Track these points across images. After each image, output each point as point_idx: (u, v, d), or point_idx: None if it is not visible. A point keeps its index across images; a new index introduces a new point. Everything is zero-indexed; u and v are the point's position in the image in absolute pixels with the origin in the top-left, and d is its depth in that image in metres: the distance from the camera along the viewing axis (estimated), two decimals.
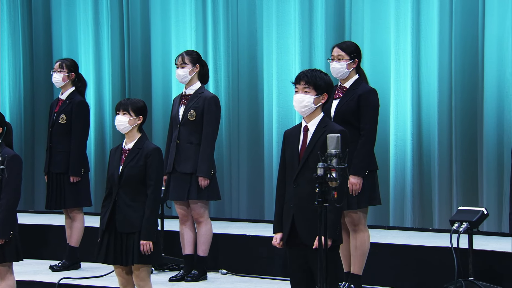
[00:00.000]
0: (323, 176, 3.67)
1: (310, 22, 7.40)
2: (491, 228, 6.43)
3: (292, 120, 7.29)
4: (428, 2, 6.83)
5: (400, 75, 6.97)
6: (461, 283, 5.01)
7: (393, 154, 6.98)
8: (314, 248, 3.91)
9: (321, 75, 4.20)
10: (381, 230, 6.80)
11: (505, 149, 6.40)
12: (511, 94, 6.44)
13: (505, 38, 6.45)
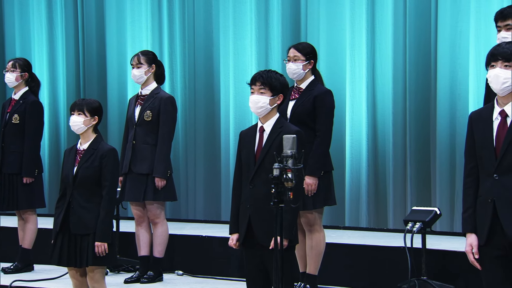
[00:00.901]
0: (279, 177, 3.69)
1: (266, 23, 7.43)
2: (444, 227, 6.53)
3: (249, 121, 7.31)
4: (383, 4, 6.92)
5: (355, 77, 7.04)
6: (414, 282, 5.08)
7: (348, 155, 7.04)
8: (270, 249, 3.93)
9: (277, 76, 4.23)
10: (336, 230, 6.85)
11: (457, 150, 6.51)
12: (463, 96, 6.55)
13: (457, 40, 6.57)
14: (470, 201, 3.64)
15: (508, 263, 3.54)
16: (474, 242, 3.59)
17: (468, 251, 3.62)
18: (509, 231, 3.49)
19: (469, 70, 6.48)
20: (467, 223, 3.63)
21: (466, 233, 3.64)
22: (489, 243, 3.55)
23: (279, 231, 3.71)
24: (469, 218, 3.62)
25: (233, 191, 4.30)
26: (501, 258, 3.54)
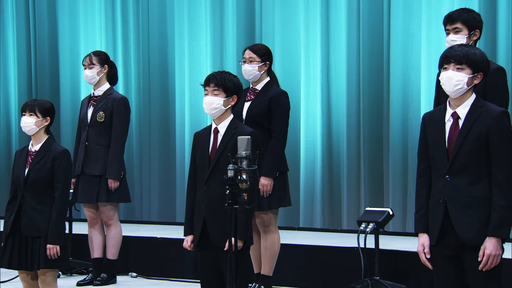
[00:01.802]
0: (233, 178, 3.68)
1: (221, 24, 7.43)
2: (396, 228, 6.60)
3: (204, 122, 7.29)
4: (336, 6, 6.96)
5: (310, 78, 7.07)
6: (367, 282, 5.12)
7: (303, 156, 7.07)
8: (225, 250, 3.92)
9: (230, 77, 4.22)
10: (291, 231, 6.87)
11: (409, 151, 6.58)
12: (415, 97, 6.63)
13: (409, 42, 6.64)
14: (422, 202, 3.67)
15: (458, 263, 3.58)
16: (426, 242, 3.63)
17: (420, 251, 3.65)
18: (460, 231, 3.53)
19: (421, 72, 6.56)
20: (419, 223, 3.66)
21: (418, 233, 3.67)
22: (440, 243, 3.58)
23: (234, 232, 3.70)
24: (421, 218, 3.66)
25: (188, 192, 4.28)
26: (452, 258, 3.58)
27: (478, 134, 3.53)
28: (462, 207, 3.54)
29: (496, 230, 3.48)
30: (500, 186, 3.50)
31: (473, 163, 3.53)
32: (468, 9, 4.62)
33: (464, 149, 3.54)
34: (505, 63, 6.08)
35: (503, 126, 3.53)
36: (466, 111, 3.58)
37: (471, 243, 3.52)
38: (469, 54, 3.56)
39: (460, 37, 4.49)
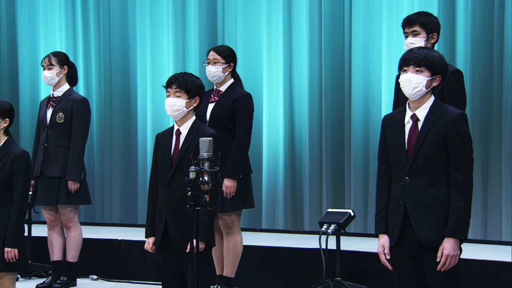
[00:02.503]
0: (195, 180, 3.68)
1: (184, 25, 7.42)
2: (358, 229, 6.66)
3: (166, 124, 7.27)
4: (298, 9, 7.00)
5: (272, 80, 7.10)
6: (328, 283, 5.15)
7: (265, 157, 7.10)
8: (187, 252, 3.92)
9: (193, 79, 4.22)
10: (253, 233, 6.89)
11: (370, 153, 6.64)
12: (376, 99, 6.69)
13: (370, 45, 6.71)
14: (382, 203, 3.71)
15: (418, 263, 3.63)
16: (386, 243, 3.67)
17: (380, 251, 3.69)
18: (419, 232, 3.58)
19: (382, 74, 6.64)
20: (379, 225, 3.70)
21: (379, 234, 3.71)
22: (400, 244, 3.63)
23: (195, 234, 3.70)
24: (382, 219, 3.69)
25: (149, 194, 4.27)
26: (412, 259, 3.63)
27: (436, 136, 3.58)
28: (421, 209, 3.58)
29: (454, 231, 3.54)
30: (458, 187, 3.55)
31: (432, 164, 3.58)
32: (426, 12, 4.68)
33: (423, 151, 3.59)
34: (463, 65, 6.18)
35: (461, 128, 3.59)
36: (425, 113, 3.63)
37: (430, 244, 3.57)
38: (428, 56, 3.61)
39: (418, 40, 4.54)
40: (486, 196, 6.23)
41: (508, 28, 6.11)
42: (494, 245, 6.00)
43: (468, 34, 6.25)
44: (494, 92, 6.20)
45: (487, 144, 6.24)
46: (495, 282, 5.11)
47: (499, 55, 6.17)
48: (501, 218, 6.16)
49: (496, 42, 6.18)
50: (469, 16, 6.24)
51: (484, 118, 6.25)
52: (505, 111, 6.13)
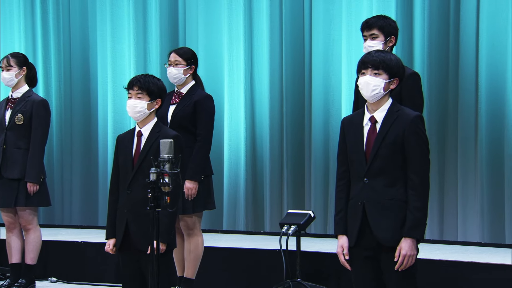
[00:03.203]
0: (156, 181, 3.68)
1: (145, 27, 7.39)
2: (318, 230, 6.70)
3: (128, 125, 7.23)
4: (259, 11, 7.03)
5: (233, 82, 7.12)
6: (288, 284, 5.18)
7: (227, 159, 7.11)
8: (148, 253, 3.92)
9: (154, 81, 4.22)
10: (214, 234, 6.89)
11: (330, 154, 6.69)
12: (336, 101, 6.75)
13: (330, 47, 6.76)
14: (341, 204, 3.74)
15: (376, 263, 3.67)
16: (345, 244, 3.70)
17: (339, 252, 3.73)
18: (377, 232, 3.63)
19: (342, 77, 6.69)
20: (338, 225, 3.74)
21: (338, 235, 3.74)
22: (359, 245, 3.67)
23: (156, 235, 3.70)
24: (341, 220, 3.73)
25: (110, 196, 4.26)
26: (370, 259, 3.67)
27: (394, 137, 3.63)
28: (380, 209, 3.63)
29: (411, 231, 3.59)
30: (416, 188, 3.60)
31: (390, 166, 3.63)
32: (385, 16, 4.74)
33: (381, 153, 3.63)
34: (420, 68, 6.27)
35: (417, 130, 3.64)
36: (383, 115, 3.68)
37: (388, 244, 3.62)
38: (385, 59, 3.66)
39: (376, 43, 4.60)
40: (442, 197, 6.33)
41: (463, 32, 6.22)
42: (450, 245, 6.10)
43: (425, 37, 6.35)
44: (450, 94, 6.31)
45: (444, 145, 6.34)
46: (452, 282, 5.20)
47: (455, 58, 6.28)
48: (457, 219, 6.27)
49: (452, 45, 6.29)
50: (426, 20, 6.34)
51: (440, 120, 6.35)
52: (461, 113, 6.24)
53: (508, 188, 6.04)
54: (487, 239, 6.11)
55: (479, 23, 6.13)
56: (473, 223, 6.17)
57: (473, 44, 6.17)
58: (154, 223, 3.68)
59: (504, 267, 5.09)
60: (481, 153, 6.13)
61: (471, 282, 5.12)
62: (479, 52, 6.14)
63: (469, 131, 6.20)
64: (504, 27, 6.05)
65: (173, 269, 5.16)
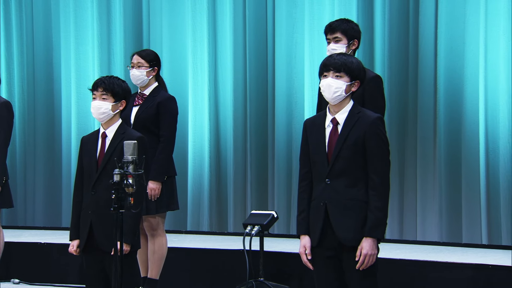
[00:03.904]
0: (119, 183, 3.66)
1: (109, 29, 7.34)
2: (281, 230, 6.72)
3: (92, 127, 7.18)
4: (223, 14, 7.03)
5: (197, 83, 7.10)
6: (252, 283, 5.19)
7: (191, 160, 7.09)
8: (112, 254, 3.89)
9: (119, 82, 4.20)
10: (178, 234, 6.87)
11: (293, 156, 6.72)
12: (299, 103, 6.78)
13: (293, 50, 6.79)
14: (304, 205, 3.75)
15: (338, 263, 3.69)
16: (307, 244, 3.71)
17: (302, 252, 3.73)
18: (339, 232, 3.64)
19: (305, 79, 6.72)
20: (301, 226, 3.75)
21: (300, 235, 3.75)
22: (321, 244, 3.68)
23: (120, 236, 3.68)
24: (303, 220, 3.74)
25: (74, 197, 4.22)
26: (332, 259, 3.69)
27: (355, 139, 3.65)
28: (341, 209, 3.64)
29: (372, 231, 3.61)
30: (376, 188, 3.63)
31: (352, 167, 3.65)
32: (348, 19, 4.77)
33: (343, 154, 3.65)
34: (381, 71, 6.33)
35: (378, 131, 3.67)
36: (344, 117, 3.70)
37: (349, 244, 3.64)
38: (347, 62, 3.68)
39: (340, 46, 4.62)
40: (402, 197, 6.39)
41: (422, 36, 6.29)
42: (409, 245, 6.17)
43: (385, 41, 6.41)
44: (410, 97, 6.37)
45: (404, 146, 6.40)
46: (411, 281, 5.25)
47: (414, 61, 6.35)
48: (416, 219, 6.33)
49: (412, 49, 6.35)
50: (386, 24, 6.40)
51: (400, 122, 6.41)
52: (420, 115, 6.31)
53: (465, 189, 6.12)
54: (445, 238, 6.18)
55: (438, 28, 6.21)
56: (431, 223, 6.25)
57: (431, 48, 6.25)
58: (117, 224, 3.66)
59: (462, 266, 5.16)
60: (439, 154, 6.20)
61: (429, 281, 5.18)
62: (438, 55, 6.22)
63: (428, 133, 6.27)
64: (461, 31, 6.14)
65: (136, 270, 5.12)
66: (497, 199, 6.00)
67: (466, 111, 6.12)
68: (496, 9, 6.00)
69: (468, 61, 6.12)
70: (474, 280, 5.04)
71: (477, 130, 6.06)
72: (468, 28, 6.10)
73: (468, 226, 6.08)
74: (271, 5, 6.84)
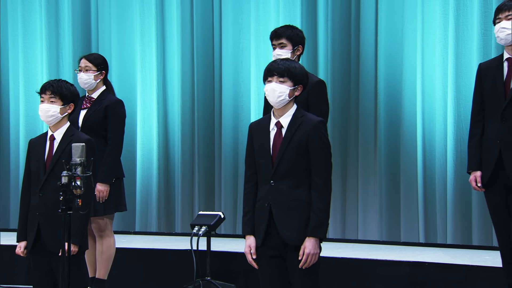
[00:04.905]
0: (67, 184, 3.62)
1: (57, 33, 7.24)
2: (227, 230, 6.72)
3: (40, 129, 7.07)
4: (171, 19, 7.00)
5: (146, 87, 7.05)
6: (199, 282, 5.17)
7: (140, 162, 7.03)
8: (59, 255, 3.83)
9: (67, 86, 4.17)
10: (127, 235, 6.81)
11: (240, 158, 6.72)
12: (246, 107, 6.78)
13: (240, 55, 6.79)
14: (249, 206, 3.77)
15: (282, 262, 3.71)
16: (252, 244, 3.72)
17: (247, 252, 3.74)
18: (283, 232, 3.66)
19: (251, 84, 6.73)
20: (246, 226, 3.76)
21: (246, 235, 3.76)
22: (265, 244, 3.69)
23: (67, 237, 3.63)
24: (248, 221, 3.75)
25: (22, 199, 4.17)
26: (276, 258, 3.70)
27: (299, 142, 3.68)
28: (285, 210, 3.66)
29: (315, 231, 3.64)
30: (319, 190, 3.66)
31: (295, 169, 3.67)
32: (292, 26, 4.80)
33: (287, 156, 3.67)
34: (324, 76, 6.38)
35: (320, 135, 3.70)
36: (288, 121, 3.72)
37: (293, 243, 3.66)
38: (290, 68, 3.71)
39: (285, 51, 4.65)
40: (344, 198, 6.44)
41: (363, 42, 6.36)
42: (351, 243, 6.23)
43: (328, 47, 6.46)
44: (352, 101, 6.44)
45: (346, 149, 6.46)
46: (353, 278, 5.30)
47: (356, 67, 6.42)
48: (358, 218, 6.40)
49: (353, 54, 6.42)
50: (329, 31, 6.45)
51: (343, 126, 6.47)
52: (362, 118, 6.38)
53: (404, 190, 6.21)
54: (385, 237, 6.26)
55: (378, 35, 6.29)
56: (372, 223, 6.32)
57: (372, 54, 6.33)
58: (65, 226, 3.62)
59: (400, 263, 5.23)
60: (380, 156, 6.28)
61: (370, 278, 5.24)
62: (378, 61, 6.30)
63: (369, 136, 6.34)
64: (400, 39, 6.23)
65: (84, 270, 5.04)
66: (433, 199, 6.10)
67: (405, 115, 6.21)
68: (432, 18, 6.11)
69: (406, 68, 6.22)
70: (411, 277, 5.12)
71: (415, 133, 6.16)
72: (406, 36, 6.20)
73: (406, 226, 6.17)
74: (218, 11, 6.83)
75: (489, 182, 4.40)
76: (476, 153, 4.45)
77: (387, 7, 6.26)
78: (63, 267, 3.61)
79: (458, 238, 5.99)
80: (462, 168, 5.92)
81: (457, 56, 6.02)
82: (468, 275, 4.98)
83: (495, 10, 4.49)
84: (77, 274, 4.01)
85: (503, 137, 4.33)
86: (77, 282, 3.98)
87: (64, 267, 3.61)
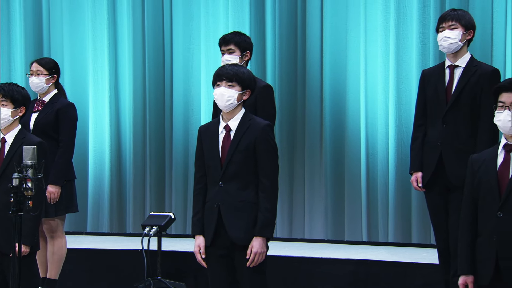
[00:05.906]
0: (19, 186, 3.57)
1: (9, 37, 7.12)
2: (178, 230, 6.69)
3: None
4: (122, 22, 6.94)
5: (98, 91, 6.98)
6: (149, 282, 5.14)
7: (91, 165, 6.95)
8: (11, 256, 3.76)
9: (18, 89, 4.13)
10: (78, 236, 6.72)
11: (190, 160, 6.67)
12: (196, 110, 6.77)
13: (190, 60, 6.77)
14: (199, 206, 3.77)
15: (230, 261, 3.72)
16: (202, 243, 3.73)
17: (196, 251, 3.74)
18: (231, 232, 3.67)
19: (201, 88, 6.72)
20: (196, 226, 3.76)
21: (195, 235, 3.77)
22: (214, 244, 3.70)
23: (18, 238, 3.57)
24: (198, 221, 3.76)
25: None
26: (225, 257, 3.72)
27: (246, 144, 3.69)
28: (233, 211, 3.68)
29: (262, 230, 3.66)
30: (266, 191, 3.68)
31: (243, 171, 3.69)
32: (240, 32, 4.82)
33: (235, 159, 3.69)
34: (272, 81, 6.41)
35: (267, 137, 3.72)
36: (236, 124, 3.74)
37: (241, 243, 3.67)
38: (238, 73, 3.73)
39: (233, 57, 4.66)
40: (291, 198, 6.48)
41: (309, 49, 6.41)
42: (298, 242, 6.27)
43: (276, 53, 6.50)
44: (299, 105, 6.49)
45: (293, 151, 6.50)
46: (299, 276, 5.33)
47: (302, 72, 6.47)
48: (304, 218, 6.45)
49: (300, 60, 6.47)
50: (277, 37, 6.49)
51: (290, 129, 6.51)
52: (308, 121, 6.43)
53: (348, 191, 6.28)
54: (330, 236, 6.32)
55: (323, 41, 6.35)
56: (318, 222, 6.37)
57: (317, 60, 6.38)
58: (16, 227, 3.56)
59: (344, 261, 5.29)
60: (325, 158, 6.33)
61: (316, 276, 5.28)
62: (323, 67, 6.36)
63: (315, 139, 6.40)
64: (344, 46, 6.30)
65: (35, 271, 4.95)
66: (375, 200, 6.18)
67: (349, 119, 6.28)
68: (374, 26, 6.20)
69: (350, 73, 6.29)
70: (354, 274, 5.18)
71: (359, 136, 6.23)
72: (350, 43, 6.27)
73: (350, 225, 6.24)
74: (168, 17, 6.81)
75: (429, 183, 4.48)
76: (418, 155, 4.51)
77: (332, 15, 6.33)
78: (14, 268, 3.55)
79: (398, 237, 6.09)
80: (403, 170, 6.02)
81: (397, 63, 6.12)
82: (407, 271, 5.07)
83: (438, 19, 4.53)
84: (28, 274, 3.96)
85: (444, 140, 4.41)
86: (28, 282, 3.92)
87: (15, 268, 3.55)
